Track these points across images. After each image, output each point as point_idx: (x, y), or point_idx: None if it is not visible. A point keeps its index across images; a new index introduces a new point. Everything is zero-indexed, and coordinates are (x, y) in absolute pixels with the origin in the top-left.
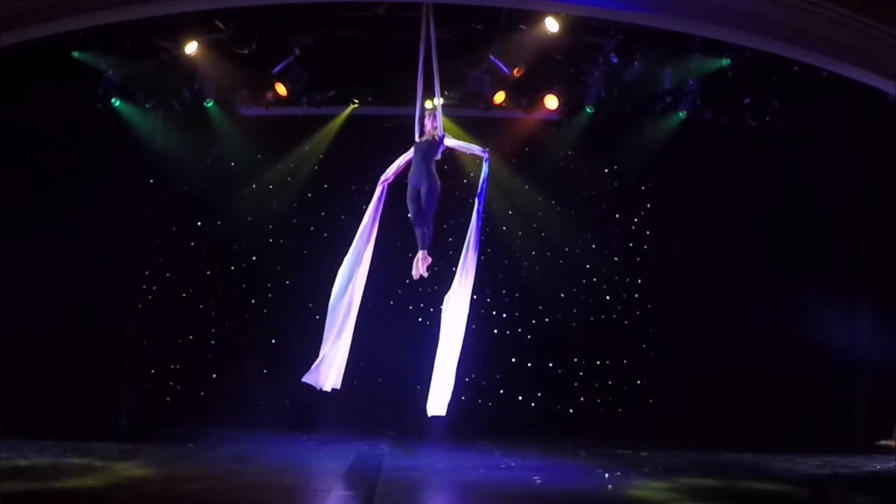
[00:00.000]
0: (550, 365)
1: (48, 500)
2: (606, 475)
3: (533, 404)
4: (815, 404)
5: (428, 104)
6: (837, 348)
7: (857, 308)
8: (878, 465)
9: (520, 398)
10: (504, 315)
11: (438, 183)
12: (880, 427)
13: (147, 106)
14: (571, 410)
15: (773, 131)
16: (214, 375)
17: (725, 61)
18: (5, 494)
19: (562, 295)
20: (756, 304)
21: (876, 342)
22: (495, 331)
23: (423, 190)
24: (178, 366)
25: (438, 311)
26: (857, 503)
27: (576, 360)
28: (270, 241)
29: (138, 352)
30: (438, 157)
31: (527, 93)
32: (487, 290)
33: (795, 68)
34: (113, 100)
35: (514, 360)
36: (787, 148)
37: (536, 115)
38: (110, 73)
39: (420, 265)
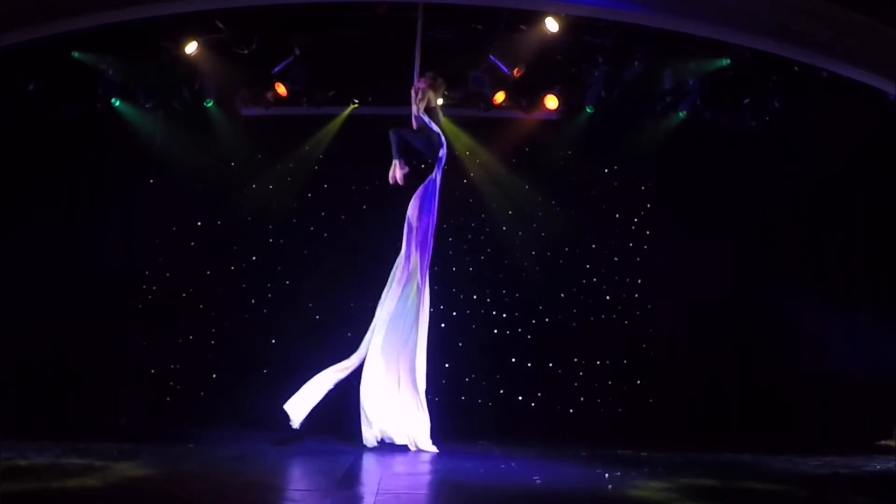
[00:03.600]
0: (550, 365)
1: (48, 500)
2: (606, 475)
3: (533, 404)
4: (815, 404)
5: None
6: (837, 348)
7: (857, 308)
8: (878, 465)
9: (520, 398)
10: (504, 315)
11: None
12: (880, 427)
13: (147, 106)
14: (571, 410)
15: (772, 131)
16: (214, 375)
17: (725, 61)
18: (5, 494)
19: (562, 295)
20: (756, 303)
21: (876, 342)
22: (495, 331)
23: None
24: (178, 366)
25: (438, 311)
26: (857, 503)
27: (576, 360)
28: (270, 241)
29: (138, 352)
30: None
31: (527, 93)
32: (487, 290)
33: (795, 68)
34: (113, 100)
35: (514, 360)
36: (787, 148)
37: (536, 115)
38: (110, 73)
39: (396, 172)
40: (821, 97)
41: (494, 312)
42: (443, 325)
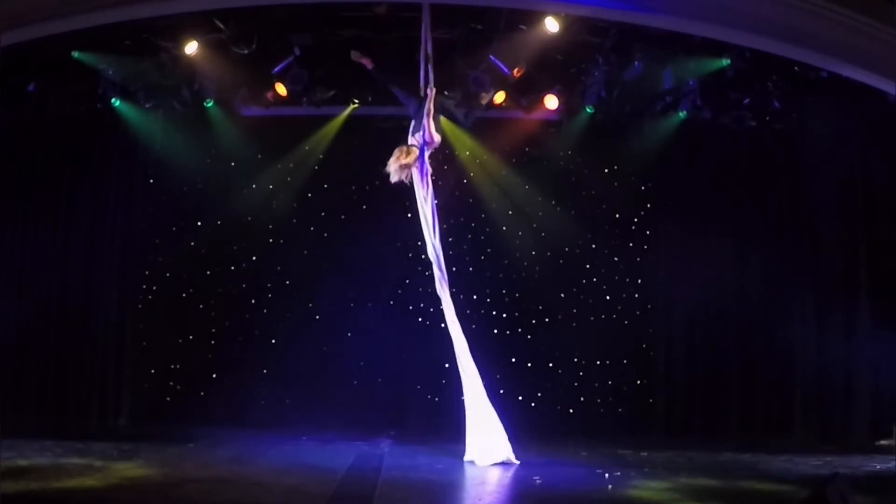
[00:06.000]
0: (550, 365)
1: (48, 500)
2: (606, 475)
3: (533, 404)
4: (815, 404)
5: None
6: (837, 348)
7: (857, 307)
8: (878, 465)
9: (520, 398)
10: (504, 315)
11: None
12: (880, 427)
13: (147, 106)
14: (571, 410)
15: (772, 131)
16: (214, 375)
17: (725, 61)
18: (5, 494)
19: (562, 295)
20: (755, 303)
21: (875, 342)
22: (495, 331)
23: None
24: (177, 366)
25: (438, 311)
26: (857, 503)
27: (576, 360)
28: (270, 241)
29: (138, 352)
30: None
31: (527, 93)
32: (487, 290)
33: (795, 68)
34: (113, 100)
35: (514, 360)
36: (787, 148)
37: (536, 115)
38: (110, 72)
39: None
40: (821, 97)
41: (494, 312)
42: (442, 325)
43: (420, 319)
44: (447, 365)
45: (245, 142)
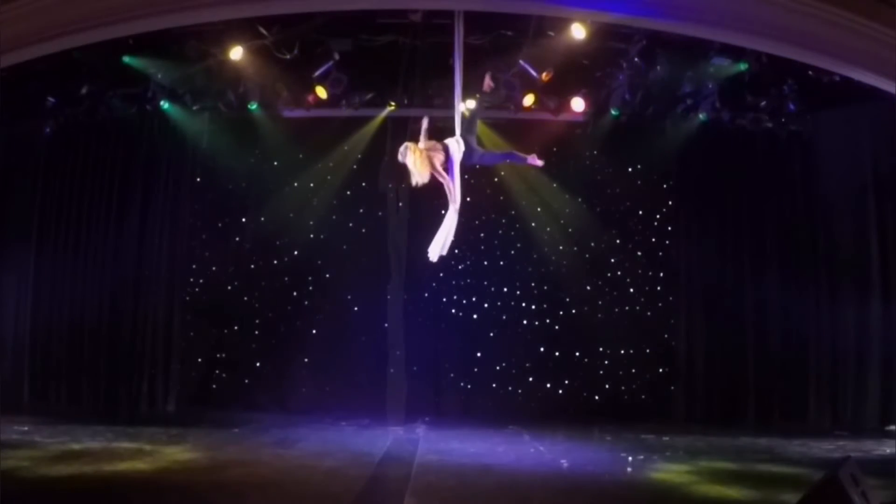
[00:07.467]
0: (577, 354)
1: (100, 483)
2: (630, 458)
3: (560, 391)
4: (828, 391)
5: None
6: (849, 339)
7: (868, 300)
8: (889, 448)
9: (548, 385)
10: (533, 307)
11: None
12: (891, 412)
13: (194, 108)
14: (597, 397)
15: (788, 132)
16: (258, 364)
17: (743, 65)
18: (59, 477)
19: (588, 288)
20: (772, 295)
21: (885, 333)
22: (525, 321)
23: None
24: (223, 355)
25: (470, 303)
26: (868, 485)
27: (601, 349)
28: (311, 236)
29: (185, 342)
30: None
31: (555, 96)
32: (518, 283)
33: (809, 72)
34: (162, 102)
35: (542, 349)
36: (802, 149)
37: (564, 117)
38: (159, 77)
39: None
40: (834, 99)
41: (524, 304)
42: (475, 315)
43: (453, 311)
44: (479, 354)
45: (287, 142)
